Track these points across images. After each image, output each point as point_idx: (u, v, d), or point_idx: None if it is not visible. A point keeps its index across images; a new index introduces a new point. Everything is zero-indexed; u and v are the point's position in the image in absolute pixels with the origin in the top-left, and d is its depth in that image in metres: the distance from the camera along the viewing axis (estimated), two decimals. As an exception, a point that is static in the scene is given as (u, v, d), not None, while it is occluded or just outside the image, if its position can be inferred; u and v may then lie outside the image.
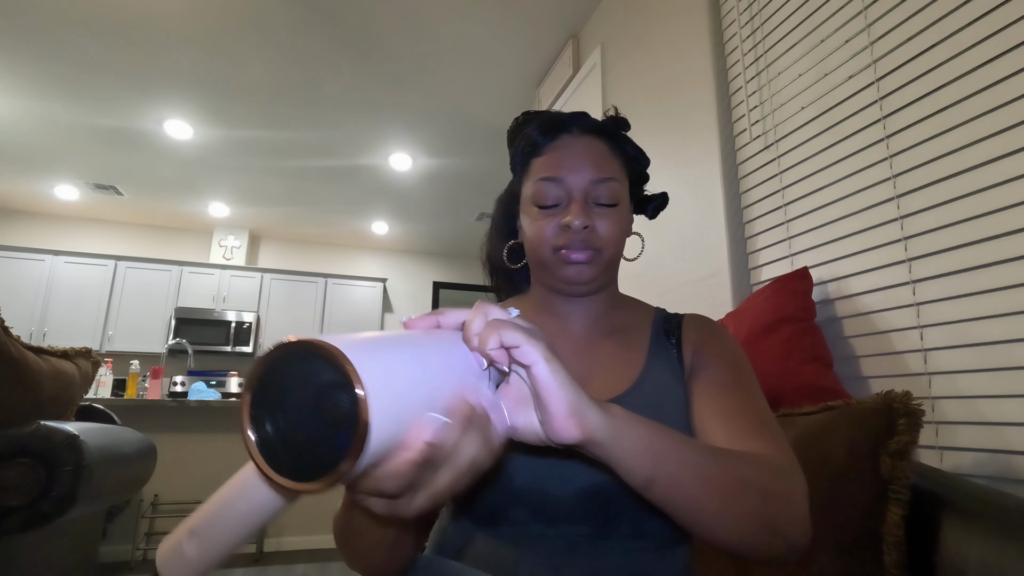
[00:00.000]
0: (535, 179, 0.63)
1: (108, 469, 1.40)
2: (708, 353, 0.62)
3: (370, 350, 0.29)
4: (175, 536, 0.44)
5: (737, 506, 0.44)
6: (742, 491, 0.44)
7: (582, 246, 0.61)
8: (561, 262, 0.62)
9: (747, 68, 1.45)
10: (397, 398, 0.29)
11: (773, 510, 0.45)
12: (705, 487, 0.42)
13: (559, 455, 0.53)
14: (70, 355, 1.55)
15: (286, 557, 2.96)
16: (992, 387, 0.85)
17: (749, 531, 0.44)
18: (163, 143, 3.77)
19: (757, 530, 0.44)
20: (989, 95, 0.87)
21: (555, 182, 0.62)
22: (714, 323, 0.67)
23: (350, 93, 3.10)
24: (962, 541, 0.61)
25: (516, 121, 0.69)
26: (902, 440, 0.65)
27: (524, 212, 0.66)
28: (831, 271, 1.15)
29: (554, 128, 0.64)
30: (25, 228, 5.09)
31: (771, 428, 0.54)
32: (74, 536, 1.62)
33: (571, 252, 0.61)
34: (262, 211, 5.09)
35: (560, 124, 0.64)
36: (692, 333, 0.65)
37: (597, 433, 0.37)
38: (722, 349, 0.62)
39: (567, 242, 0.61)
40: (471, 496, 0.56)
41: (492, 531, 0.56)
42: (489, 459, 0.35)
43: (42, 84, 3.09)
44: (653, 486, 0.41)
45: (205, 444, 3.03)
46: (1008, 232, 0.84)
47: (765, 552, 0.46)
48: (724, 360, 0.61)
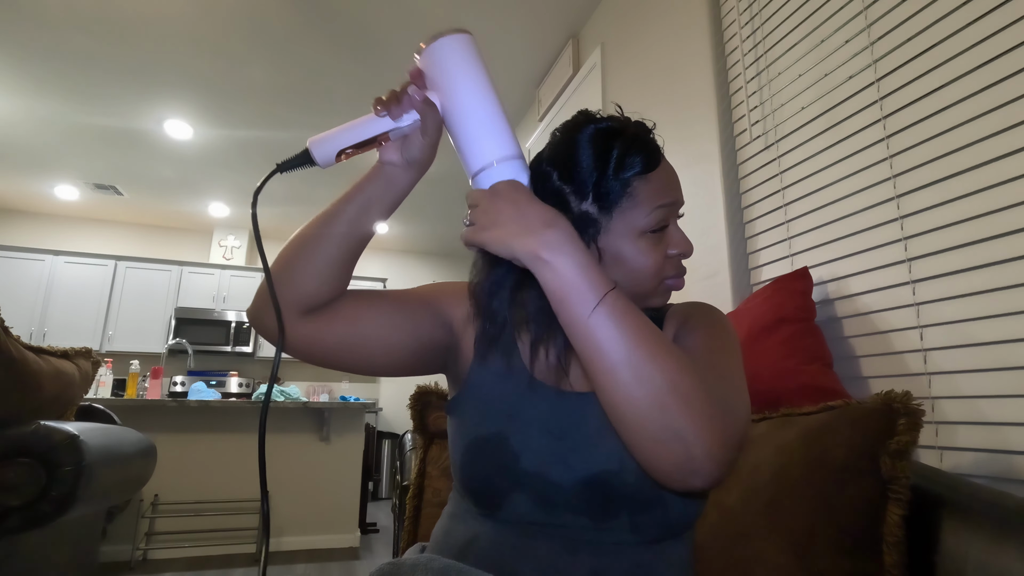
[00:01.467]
0: (650, 208, 0.57)
1: (108, 469, 1.40)
2: (687, 326, 0.61)
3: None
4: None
5: (646, 384, 0.44)
6: (658, 374, 0.44)
7: (682, 273, 0.62)
8: (661, 291, 0.61)
9: (747, 68, 1.45)
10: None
11: (676, 403, 0.44)
12: (626, 350, 0.45)
13: (564, 440, 0.56)
14: (70, 355, 1.55)
15: (286, 557, 2.96)
16: (992, 387, 0.85)
17: (650, 417, 0.44)
18: (163, 143, 3.77)
19: (658, 420, 0.44)
20: (989, 95, 0.87)
21: (668, 209, 0.59)
22: (699, 304, 0.65)
23: (350, 93, 3.10)
24: (962, 541, 0.61)
25: (598, 129, 0.59)
26: (902, 440, 0.65)
27: (622, 241, 0.57)
28: (831, 271, 1.15)
29: (655, 154, 0.59)
30: (25, 228, 5.09)
31: (720, 373, 0.52)
32: (74, 536, 1.62)
33: (676, 280, 0.61)
34: (262, 211, 5.09)
35: (651, 143, 0.60)
36: (674, 319, 0.64)
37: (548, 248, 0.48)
38: (701, 321, 0.61)
39: (675, 271, 0.61)
40: (477, 475, 0.57)
41: (494, 526, 0.57)
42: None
43: (42, 84, 3.09)
44: (584, 320, 0.46)
45: (205, 444, 3.03)
46: (1008, 232, 0.84)
47: (663, 454, 0.44)
48: (700, 329, 0.59)
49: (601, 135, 0.58)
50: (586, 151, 0.58)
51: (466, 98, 0.55)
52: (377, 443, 4.95)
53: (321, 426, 3.24)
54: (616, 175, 0.57)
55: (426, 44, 0.57)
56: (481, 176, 0.55)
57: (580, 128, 0.60)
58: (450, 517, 0.63)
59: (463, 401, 0.63)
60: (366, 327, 0.59)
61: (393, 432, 5.41)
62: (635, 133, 0.59)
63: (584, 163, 0.58)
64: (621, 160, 0.57)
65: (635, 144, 0.58)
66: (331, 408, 3.23)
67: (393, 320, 0.61)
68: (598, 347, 0.46)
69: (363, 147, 0.59)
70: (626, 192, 0.57)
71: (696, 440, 0.43)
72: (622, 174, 0.57)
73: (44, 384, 1.37)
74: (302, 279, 0.57)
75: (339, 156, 0.59)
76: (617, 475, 0.54)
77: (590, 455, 0.55)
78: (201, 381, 3.79)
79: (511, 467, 0.55)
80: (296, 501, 3.13)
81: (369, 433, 3.73)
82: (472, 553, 0.56)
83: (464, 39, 0.57)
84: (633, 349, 0.45)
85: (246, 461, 3.08)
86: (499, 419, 0.58)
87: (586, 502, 0.54)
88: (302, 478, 3.16)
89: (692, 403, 0.44)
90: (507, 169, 0.54)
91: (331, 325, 0.58)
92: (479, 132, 0.55)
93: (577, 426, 0.57)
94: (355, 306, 0.59)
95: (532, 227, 0.49)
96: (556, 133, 0.62)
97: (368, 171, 0.62)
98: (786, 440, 0.80)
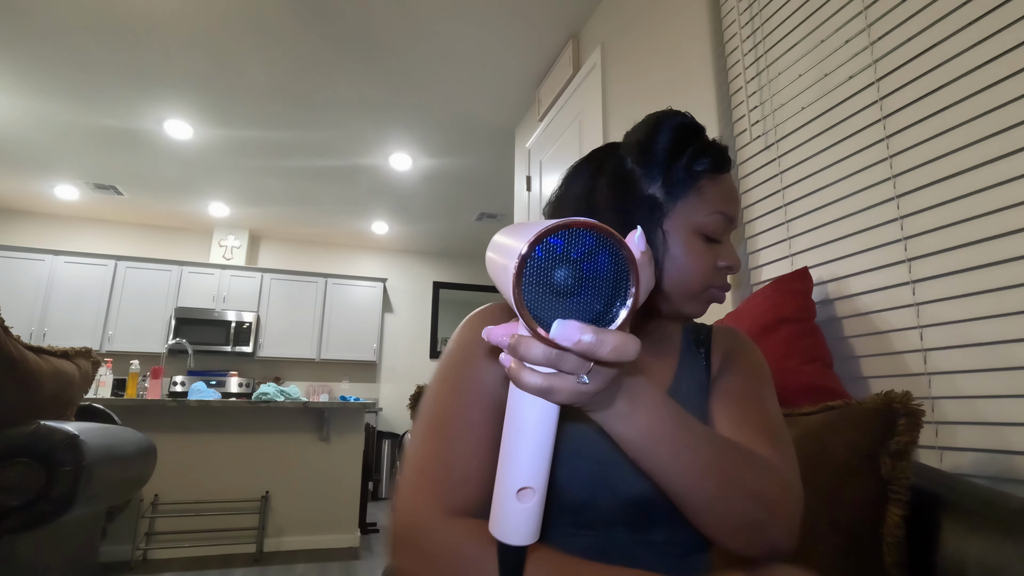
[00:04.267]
0: (712, 210, 0.58)
1: (108, 469, 1.40)
2: (733, 363, 0.63)
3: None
4: (497, 508, 0.38)
5: (729, 500, 0.45)
6: (737, 487, 0.46)
7: (726, 287, 0.62)
8: (704, 300, 0.61)
9: (747, 68, 1.45)
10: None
11: (763, 513, 0.47)
12: (700, 473, 0.44)
13: (606, 466, 0.55)
14: (70, 355, 1.55)
15: (286, 557, 2.96)
16: (992, 387, 0.85)
17: (736, 527, 0.47)
18: (163, 143, 3.77)
19: (744, 528, 0.46)
20: (989, 95, 0.87)
21: (727, 219, 0.59)
22: (743, 335, 0.68)
23: (350, 93, 3.10)
24: (962, 541, 0.61)
25: (682, 123, 0.59)
26: (902, 440, 0.65)
27: (678, 234, 0.58)
28: (831, 271, 1.15)
29: (726, 162, 0.60)
30: (25, 228, 5.09)
31: (779, 438, 0.54)
32: (74, 536, 1.62)
33: (720, 292, 0.61)
34: (262, 211, 5.09)
35: (722, 150, 0.60)
36: (721, 344, 0.66)
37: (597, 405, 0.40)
38: (746, 360, 0.63)
39: (721, 282, 0.61)
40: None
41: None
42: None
43: (42, 84, 3.09)
44: (644, 457, 0.43)
45: (205, 444, 3.02)
46: (1008, 232, 0.84)
47: (745, 549, 0.48)
48: (745, 370, 0.62)
49: (683, 127, 0.59)
50: (665, 137, 0.58)
51: None
52: (377, 443, 4.95)
53: (321, 426, 3.24)
54: (688, 166, 0.58)
55: None
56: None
57: (667, 117, 0.60)
58: None
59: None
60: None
61: (393, 432, 5.41)
62: (715, 145, 0.60)
63: (660, 148, 0.58)
64: (696, 154, 0.58)
65: (712, 145, 0.59)
66: (331, 408, 3.23)
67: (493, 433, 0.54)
68: (665, 482, 0.45)
69: None
70: (694, 186, 0.58)
71: (782, 538, 0.48)
72: (694, 167, 0.58)
73: (44, 384, 1.37)
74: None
75: None
76: (657, 495, 0.53)
77: (634, 475, 0.54)
78: (201, 381, 3.79)
79: (556, 499, 0.55)
80: (296, 501, 3.13)
81: (369, 433, 3.73)
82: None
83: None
84: (700, 486, 0.45)
85: (246, 461, 3.08)
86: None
87: (625, 519, 0.55)
88: (302, 478, 3.16)
89: (777, 511, 0.47)
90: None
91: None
92: None
93: (613, 449, 0.56)
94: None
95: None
96: (639, 124, 0.62)
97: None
98: (786, 440, 0.80)
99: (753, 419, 0.56)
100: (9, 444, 1.20)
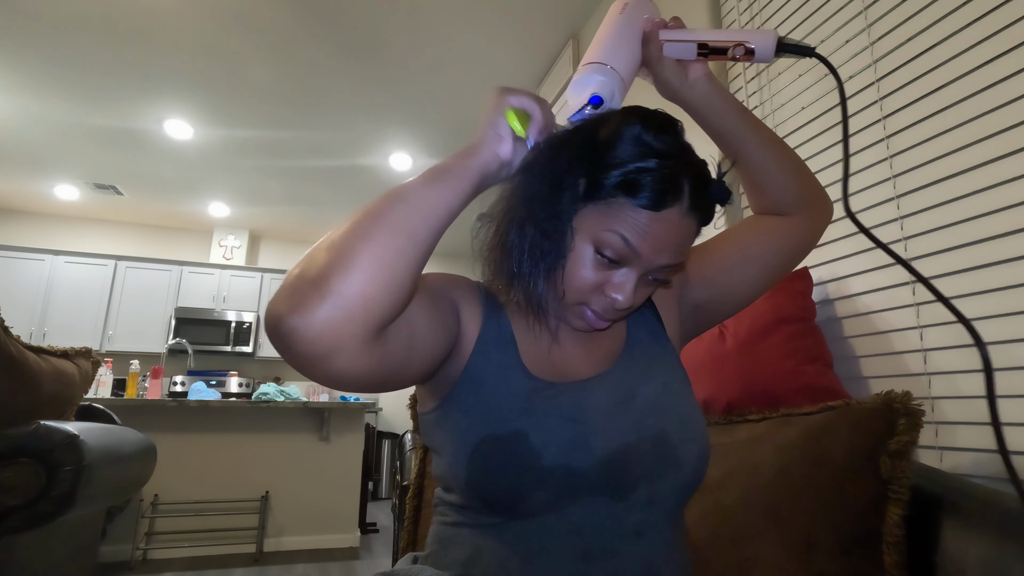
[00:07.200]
0: (615, 230, 0.52)
1: (108, 469, 1.40)
2: (684, 267, 0.69)
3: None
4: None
5: (784, 146, 0.69)
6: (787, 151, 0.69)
7: (610, 318, 0.57)
8: (578, 316, 0.58)
9: (747, 68, 1.45)
10: None
11: (804, 166, 0.71)
12: (762, 126, 0.68)
13: (584, 424, 0.56)
14: (70, 355, 1.55)
15: (286, 557, 2.96)
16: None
17: (798, 167, 0.69)
18: (163, 143, 3.77)
19: (801, 168, 0.69)
20: (989, 95, 0.87)
21: (632, 251, 0.53)
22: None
23: (350, 93, 3.10)
24: (962, 541, 0.61)
25: (645, 140, 0.53)
26: (902, 440, 0.65)
27: (579, 238, 0.54)
28: (831, 271, 1.15)
29: (670, 198, 0.52)
30: (25, 228, 5.09)
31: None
32: (74, 536, 1.62)
33: (597, 320, 0.57)
34: (262, 211, 5.10)
35: (677, 192, 0.52)
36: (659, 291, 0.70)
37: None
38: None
39: (601, 309, 0.56)
40: (493, 478, 0.53)
41: (499, 536, 0.54)
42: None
43: (42, 84, 3.09)
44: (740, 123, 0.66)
45: (205, 444, 3.03)
46: (1008, 232, 0.84)
47: (808, 185, 0.70)
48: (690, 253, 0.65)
49: (642, 144, 0.53)
50: (622, 143, 0.53)
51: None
52: (377, 443, 4.95)
53: (321, 426, 3.24)
54: (620, 179, 0.52)
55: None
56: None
57: (635, 120, 0.54)
58: (444, 526, 0.60)
59: (460, 399, 0.57)
60: (423, 339, 0.51)
61: (393, 432, 5.41)
62: (667, 174, 0.51)
63: (609, 147, 0.53)
64: (636, 177, 0.51)
65: (662, 180, 0.51)
66: (331, 408, 3.23)
67: (434, 323, 0.53)
68: (746, 142, 0.67)
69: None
70: (612, 199, 0.52)
71: (819, 186, 0.73)
72: (626, 186, 0.52)
73: (44, 384, 1.37)
74: (390, 294, 0.44)
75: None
76: (634, 446, 0.55)
77: (608, 433, 0.55)
78: (201, 381, 3.79)
79: (534, 464, 0.52)
80: (296, 501, 3.13)
81: (369, 433, 3.73)
82: (478, 568, 0.54)
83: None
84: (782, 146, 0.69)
85: (246, 461, 3.08)
86: (513, 416, 0.55)
87: (606, 481, 0.54)
88: (302, 478, 3.16)
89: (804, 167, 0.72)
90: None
91: (397, 342, 0.47)
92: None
93: (591, 409, 0.57)
94: (409, 313, 0.49)
95: None
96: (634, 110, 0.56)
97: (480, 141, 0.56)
98: (786, 440, 0.80)
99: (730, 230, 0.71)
100: (9, 444, 1.20)
